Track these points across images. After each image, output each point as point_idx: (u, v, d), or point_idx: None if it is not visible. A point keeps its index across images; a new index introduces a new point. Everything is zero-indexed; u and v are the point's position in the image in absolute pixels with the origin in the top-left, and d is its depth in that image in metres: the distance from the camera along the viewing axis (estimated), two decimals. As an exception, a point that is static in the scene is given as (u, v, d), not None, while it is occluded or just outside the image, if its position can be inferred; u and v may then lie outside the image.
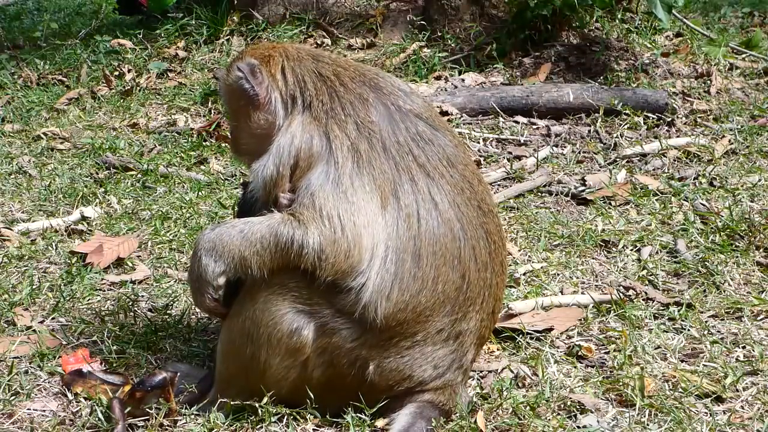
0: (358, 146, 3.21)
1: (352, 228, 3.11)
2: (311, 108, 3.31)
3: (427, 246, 3.16)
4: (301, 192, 3.20)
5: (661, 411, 3.36)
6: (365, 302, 3.13)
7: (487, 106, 6.69)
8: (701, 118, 6.66)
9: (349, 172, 3.17)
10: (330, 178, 3.17)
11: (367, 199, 3.15)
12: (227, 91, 3.52)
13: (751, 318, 4.04)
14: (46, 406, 3.47)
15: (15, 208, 5.54)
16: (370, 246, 3.13)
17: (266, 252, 3.17)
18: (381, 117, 3.28)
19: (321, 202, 3.14)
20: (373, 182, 3.17)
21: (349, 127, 3.24)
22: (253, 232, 3.19)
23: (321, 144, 3.23)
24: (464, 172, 3.32)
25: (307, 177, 3.21)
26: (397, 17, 8.11)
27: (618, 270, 4.52)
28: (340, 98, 3.30)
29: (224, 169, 6.07)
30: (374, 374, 3.20)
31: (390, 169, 3.20)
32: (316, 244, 3.11)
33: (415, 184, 3.20)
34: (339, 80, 3.35)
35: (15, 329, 4.05)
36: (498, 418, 3.34)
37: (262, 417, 3.25)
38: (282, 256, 3.15)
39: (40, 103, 7.65)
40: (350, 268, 3.12)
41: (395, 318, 3.15)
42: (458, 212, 3.24)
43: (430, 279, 3.17)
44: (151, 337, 3.92)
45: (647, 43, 7.68)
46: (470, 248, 3.24)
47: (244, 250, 3.19)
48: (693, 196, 5.31)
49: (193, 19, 8.47)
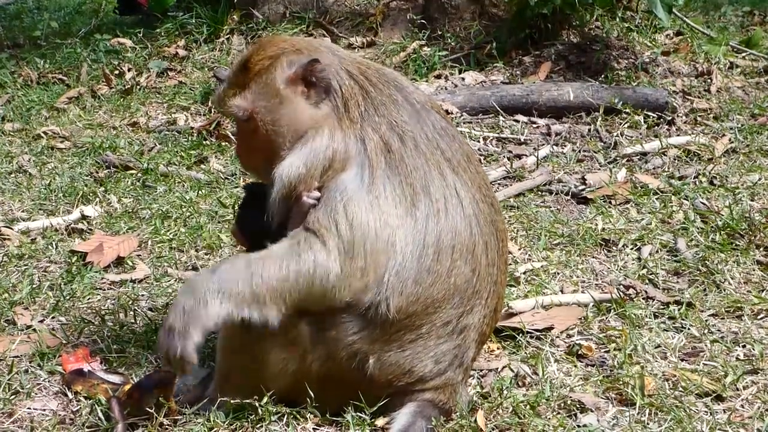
0: (390, 146, 3.20)
1: (374, 243, 3.09)
2: (348, 109, 3.25)
3: (448, 240, 3.18)
4: (331, 195, 3.15)
5: (662, 410, 3.36)
6: (378, 300, 3.14)
7: (487, 105, 6.69)
8: (701, 117, 6.66)
9: (382, 174, 3.16)
10: (364, 183, 3.14)
11: (397, 202, 3.15)
12: (274, 92, 3.27)
13: (751, 317, 4.04)
14: (46, 405, 3.47)
15: (15, 207, 5.54)
16: (391, 257, 3.12)
17: (287, 284, 3.09)
18: (410, 116, 3.28)
19: (354, 210, 3.10)
20: (405, 181, 3.17)
21: (383, 128, 3.22)
22: (264, 266, 3.11)
23: (356, 147, 3.20)
24: (479, 169, 3.39)
25: (340, 179, 3.17)
26: (398, 16, 8.11)
27: (618, 269, 4.52)
28: (373, 99, 3.27)
29: (224, 168, 6.07)
30: (374, 368, 3.20)
31: (422, 165, 3.21)
32: (337, 266, 3.08)
33: (444, 179, 3.22)
34: (368, 80, 3.31)
35: (15, 328, 4.05)
36: (498, 417, 3.34)
37: (262, 416, 3.25)
38: (307, 285, 3.09)
39: (41, 102, 7.64)
40: (365, 287, 3.13)
41: (406, 311, 3.17)
42: (476, 208, 3.27)
43: (444, 272, 3.18)
44: (151, 336, 3.92)
45: (647, 41, 7.67)
46: (483, 243, 3.27)
47: (257, 287, 3.10)
48: (693, 195, 5.30)
49: (193, 18, 8.47)
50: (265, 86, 3.28)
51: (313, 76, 3.25)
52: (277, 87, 3.27)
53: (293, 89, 3.27)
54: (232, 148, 6.28)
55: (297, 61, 3.28)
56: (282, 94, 3.27)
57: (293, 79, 3.27)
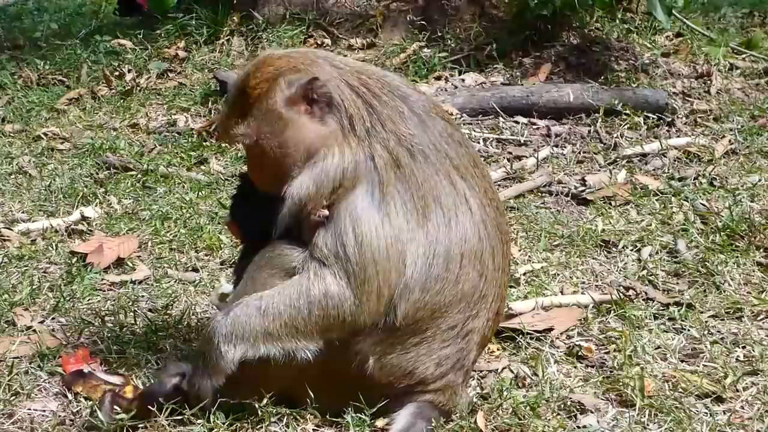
0: (400, 160, 3.16)
1: (385, 263, 3.08)
2: (353, 126, 3.19)
3: (458, 248, 3.17)
4: (341, 215, 3.12)
5: (661, 411, 3.36)
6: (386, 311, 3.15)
7: (487, 106, 6.69)
8: (701, 118, 6.66)
9: (392, 190, 3.13)
10: (375, 200, 3.12)
11: (409, 216, 3.13)
12: (276, 116, 3.21)
13: (751, 318, 4.04)
14: (47, 406, 3.47)
15: (15, 208, 5.54)
16: (402, 273, 3.11)
17: (300, 318, 3.11)
18: (416, 126, 3.23)
19: (363, 230, 3.08)
20: (416, 194, 3.15)
21: (391, 143, 3.17)
22: (275, 303, 3.13)
23: (366, 164, 3.15)
24: (484, 172, 3.36)
25: (350, 197, 3.13)
26: (397, 17, 8.11)
27: (618, 270, 4.52)
28: (379, 114, 3.21)
29: (224, 170, 6.07)
30: (374, 369, 3.20)
31: (432, 175, 3.18)
32: (350, 293, 3.08)
33: (453, 187, 3.21)
34: (370, 91, 3.24)
35: (15, 329, 4.05)
36: (498, 418, 3.34)
37: (262, 417, 3.25)
38: (323, 316, 3.10)
39: (41, 104, 7.64)
40: (382, 306, 3.13)
41: (413, 317, 3.16)
42: (484, 213, 3.25)
43: (453, 279, 3.18)
44: (151, 337, 3.92)
45: (647, 43, 7.68)
46: (491, 248, 3.26)
47: (269, 325, 3.12)
48: (693, 196, 5.31)
49: (193, 20, 8.46)
50: (266, 111, 3.22)
51: (314, 93, 3.20)
52: (279, 111, 3.21)
53: (296, 110, 3.22)
54: (232, 149, 6.28)
55: (296, 81, 3.21)
56: (285, 117, 3.21)
57: (294, 100, 3.21)
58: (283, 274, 3.19)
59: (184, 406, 3.34)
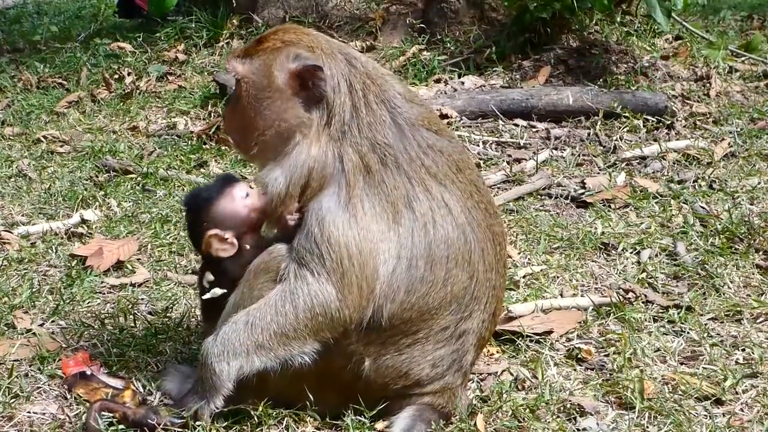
0: (370, 166, 3.19)
1: (358, 257, 3.11)
2: (330, 123, 3.24)
3: (441, 250, 3.19)
4: (310, 216, 3.17)
5: (661, 414, 3.36)
6: (372, 307, 3.15)
7: (486, 109, 6.70)
8: (701, 121, 6.67)
9: (360, 193, 3.16)
10: (341, 202, 3.15)
11: (378, 219, 3.16)
12: (267, 74, 3.27)
13: (750, 320, 4.04)
14: (46, 409, 3.47)
15: (15, 211, 5.54)
16: (377, 266, 3.14)
17: (288, 324, 3.14)
18: (394, 137, 3.25)
19: (330, 229, 3.12)
20: (385, 200, 3.17)
21: (364, 149, 3.21)
22: (261, 315, 3.16)
23: (334, 165, 3.20)
24: (470, 176, 3.36)
25: (318, 199, 3.18)
26: (397, 20, 8.12)
27: (617, 273, 4.52)
28: (360, 120, 3.24)
29: (224, 172, 6.07)
30: (370, 370, 3.21)
31: (403, 184, 3.20)
32: (332, 287, 3.11)
33: (429, 193, 3.22)
34: (364, 98, 3.27)
35: (15, 332, 4.05)
36: (497, 420, 3.34)
37: (261, 419, 3.25)
38: (310, 316, 3.13)
39: (40, 107, 7.65)
40: (365, 299, 3.14)
41: (400, 317, 3.18)
42: (469, 216, 3.27)
43: (440, 281, 3.20)
44: (151, 339, 3.92)
45: (646, 46, 7.69)
46: (480, 250, 3.28)
47: (258, 337, 3.16)
48: (692, 199, 5.31)
49: (192, 22, 8.48)
50: (264, 66, 3.30)
51: (311, 80, 3.24)
52: (273, 73, 3.27)
53: (287, 82, 3.26)
54: (231, 152, 6.29)
55: (303, 59, 3.26)
56: (275, 82, 3.27)
57: (291, 74, 3.26)
58: (277, 278, 3.22)
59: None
